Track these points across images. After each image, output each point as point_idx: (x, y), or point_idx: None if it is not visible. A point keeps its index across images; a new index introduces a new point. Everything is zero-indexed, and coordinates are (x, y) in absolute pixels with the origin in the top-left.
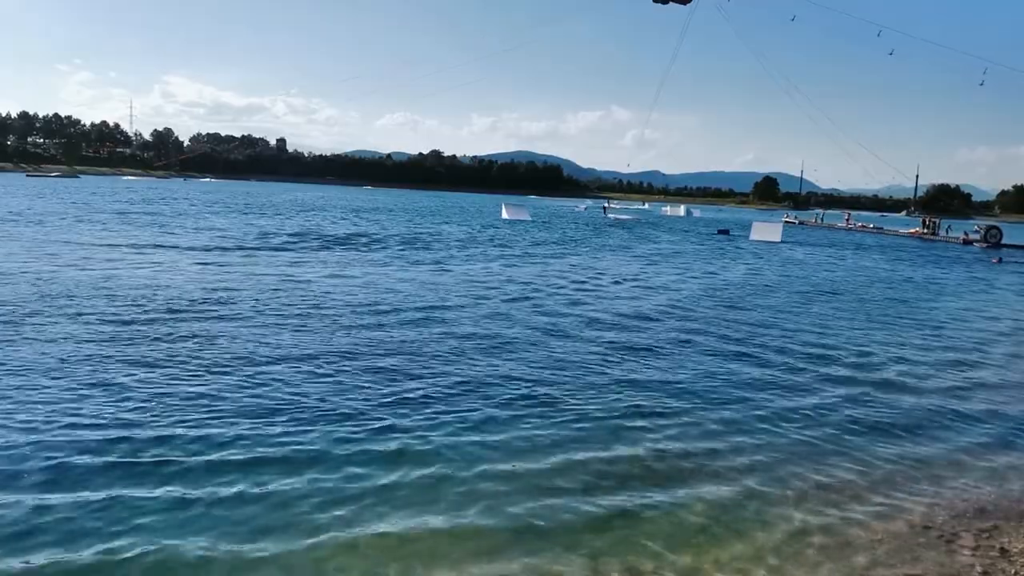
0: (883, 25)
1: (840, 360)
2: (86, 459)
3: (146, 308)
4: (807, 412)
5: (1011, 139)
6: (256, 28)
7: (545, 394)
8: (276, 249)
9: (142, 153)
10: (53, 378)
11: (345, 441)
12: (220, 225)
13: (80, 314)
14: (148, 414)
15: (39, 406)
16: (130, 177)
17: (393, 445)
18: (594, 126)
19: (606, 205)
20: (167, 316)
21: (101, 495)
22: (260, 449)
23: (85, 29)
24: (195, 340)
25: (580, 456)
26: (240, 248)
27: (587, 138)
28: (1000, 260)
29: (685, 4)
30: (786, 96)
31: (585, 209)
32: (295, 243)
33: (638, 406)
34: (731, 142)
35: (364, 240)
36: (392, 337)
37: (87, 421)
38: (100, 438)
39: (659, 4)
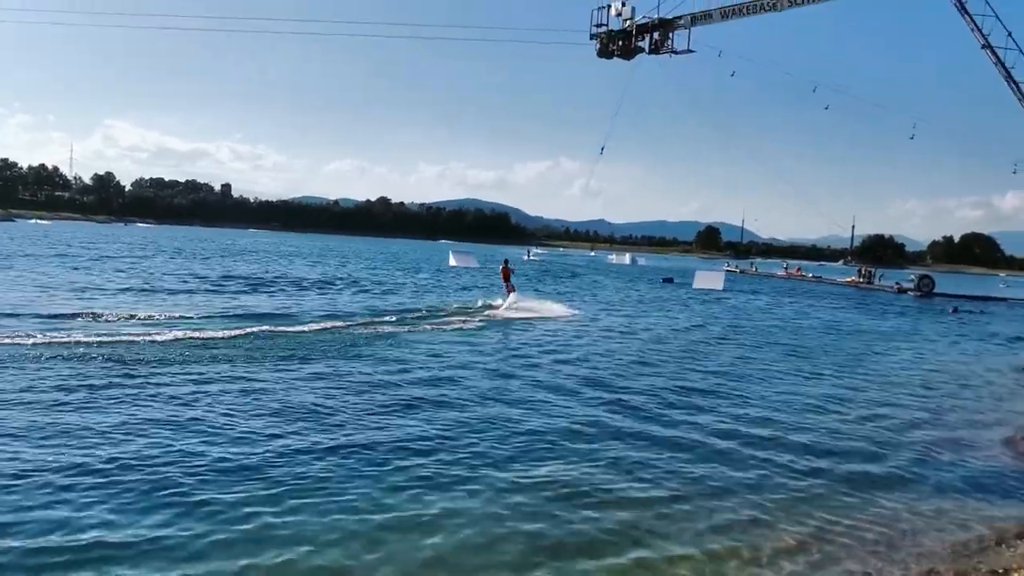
0: (818, 81)
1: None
2: None
3: None
4: (758, 465)
5: (940, 192)
6: (201, 73)
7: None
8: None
9: (81, 197)
10: None
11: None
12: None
13: None
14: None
15: None
16: (67, 222)
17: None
18: (542, 176)
19: (534, 251)
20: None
21: None
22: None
23: (24, 72)
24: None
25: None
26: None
27: (535, 187)
28: (956, 310)
29: (629, 60)
30: (727, 149)
31: (532, 256)
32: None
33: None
34: (675, 192)
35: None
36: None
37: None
38: None
39: (604, 59)
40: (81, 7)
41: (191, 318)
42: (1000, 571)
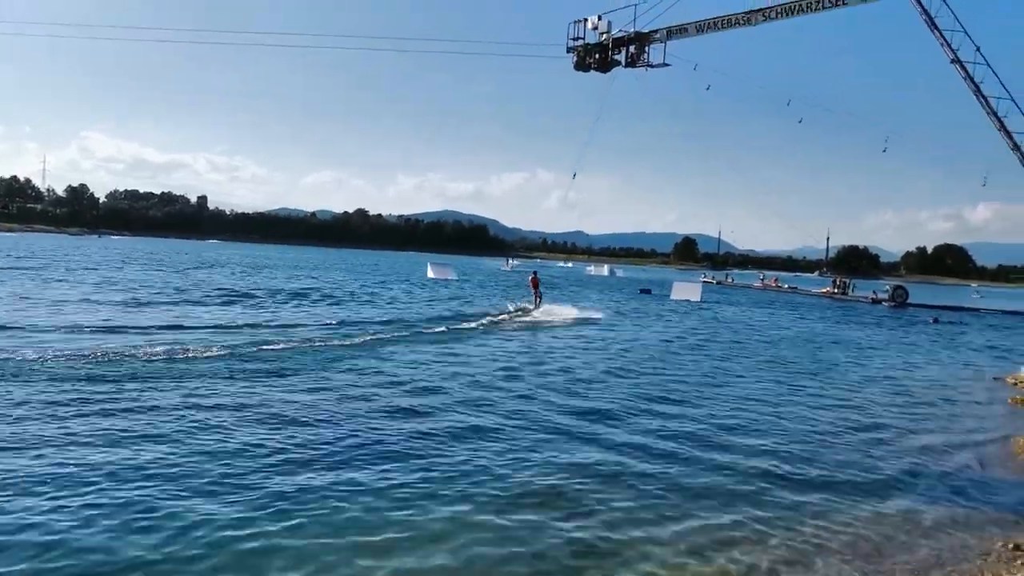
0: (793, 95)
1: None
2: None
3: None
4: (731, 469)
5: (914, 204)
6: (179, 84)
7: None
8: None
9: (55, 209)
10: None
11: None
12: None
13: None
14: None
15: None
16: (39, 234)
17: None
18: (520, 187)
19: (513, 263)
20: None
21: None
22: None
23: None
24: None
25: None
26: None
27: (513, 199)
28: (936, 320)
29: (605, 72)
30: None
31: (511, 268)
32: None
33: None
34: (653, 204)
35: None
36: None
37: None
38: None
39: (581, 72)
40: (57, 18)
41: (170, 331)
42: None
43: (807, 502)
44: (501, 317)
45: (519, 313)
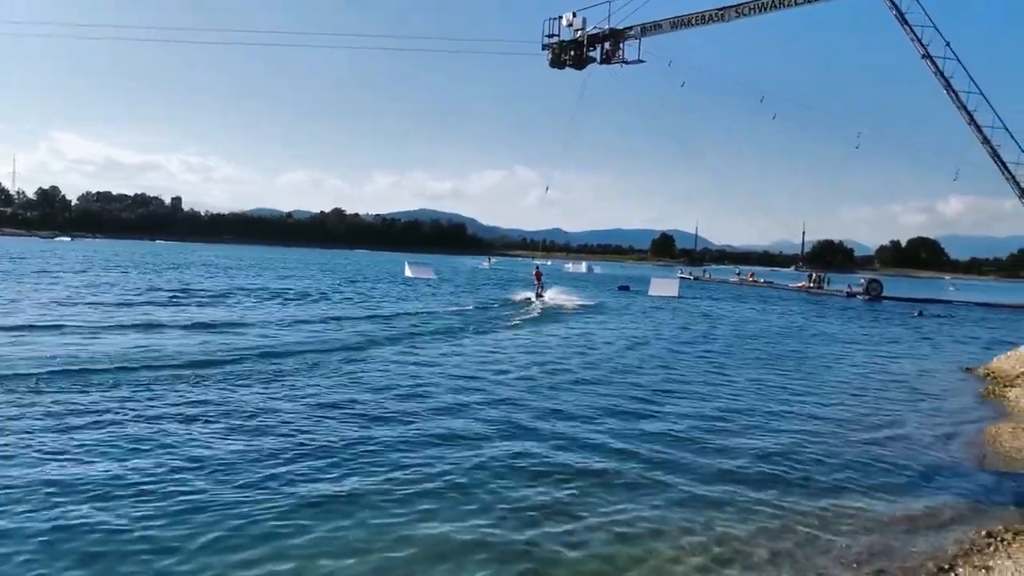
0: (768, 91)
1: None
2: None
3: None
4: (716, 466)
5: (887, 198)
6: (149, 84)
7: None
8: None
9: (25, 212)
10: None
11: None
12: None
13: None
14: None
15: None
16: (9, 237)
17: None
18: (498, 185)
19: (493, 261)
20: None
21: None
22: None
23: None
24: None
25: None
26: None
27: (491, 197)
28: (920, 314)
29: (580, 69)
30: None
31: (490, 266)
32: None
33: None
34: (630, 201)
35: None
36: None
37: None
38: None
39: (557, 69)
40: (18, 16)
41: (152, 334)
42: (946, 567)
43: (772, 498)
44: (519, 301)
45: (527, 302)
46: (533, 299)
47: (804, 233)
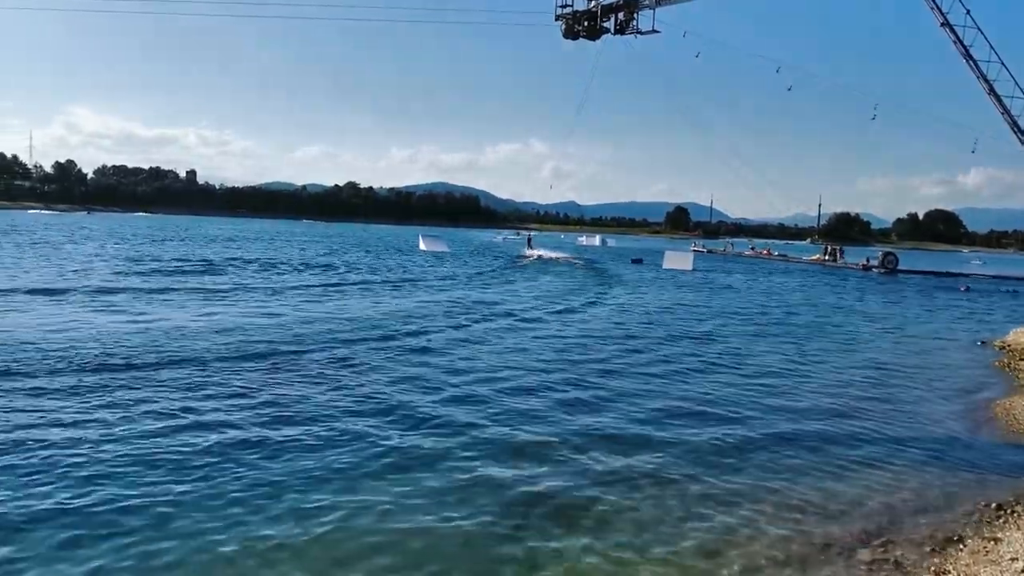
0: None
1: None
2: None
3: None
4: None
5: (905, 170)
6: (166, 57)
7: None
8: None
9: (42, 186)
10: None
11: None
12: None
13: None
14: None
15: None
16: (31, 211)
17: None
18: (512, 158)
19: (506, 236)
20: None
21: None
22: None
23: None
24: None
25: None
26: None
27: (505, 170)
28: (967, 289)
29: (594, 40)
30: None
31: (503, 240)
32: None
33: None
34: (644, 173)
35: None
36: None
37: None
38: None
39: (570, 40)
40: None
41: (174, 311)
42: (954, 538)
43: (782, 468)
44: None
45: (523, 258)
46: (530, 256)
47: (820, 206)
